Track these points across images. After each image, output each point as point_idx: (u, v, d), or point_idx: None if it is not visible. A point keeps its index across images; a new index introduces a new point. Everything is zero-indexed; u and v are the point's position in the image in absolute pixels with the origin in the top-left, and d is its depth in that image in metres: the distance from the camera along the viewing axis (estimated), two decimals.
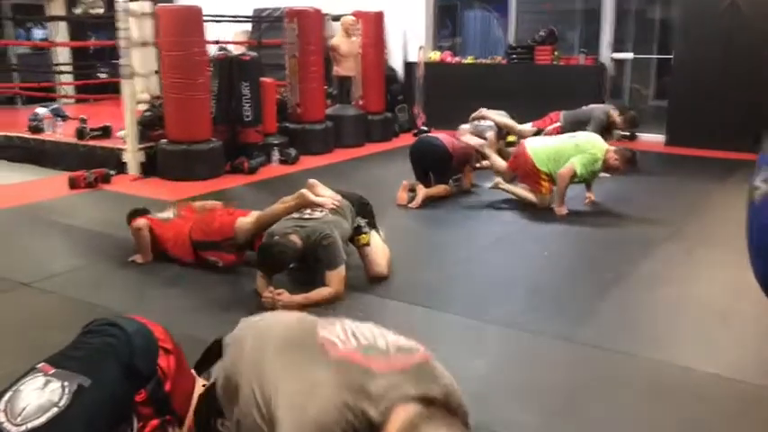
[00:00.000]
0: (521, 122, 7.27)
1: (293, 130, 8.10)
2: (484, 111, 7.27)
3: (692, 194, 6.06)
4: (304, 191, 4.02)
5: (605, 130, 6.82)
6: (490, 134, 7.19)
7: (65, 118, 8.40)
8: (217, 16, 9.16)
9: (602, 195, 6.05)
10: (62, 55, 12.57)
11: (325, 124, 8.32)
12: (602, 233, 4.98)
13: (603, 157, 5.32)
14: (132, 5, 6.94)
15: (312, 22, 8.02)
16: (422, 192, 5.69)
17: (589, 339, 3.26)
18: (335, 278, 3.68)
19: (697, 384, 2.88)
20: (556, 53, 9.35)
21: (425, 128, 9.72)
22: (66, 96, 10.99)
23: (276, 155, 7.50)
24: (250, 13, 10.61)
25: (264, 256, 3.62)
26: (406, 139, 9.32)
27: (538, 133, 7.02)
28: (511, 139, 7.51)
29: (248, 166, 6.99)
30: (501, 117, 7.24)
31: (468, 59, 10.12)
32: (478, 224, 5.29)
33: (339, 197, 4.06)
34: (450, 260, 4.45)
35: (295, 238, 3.65)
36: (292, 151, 7.61)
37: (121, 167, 6.89)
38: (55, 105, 9.03)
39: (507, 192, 5.70)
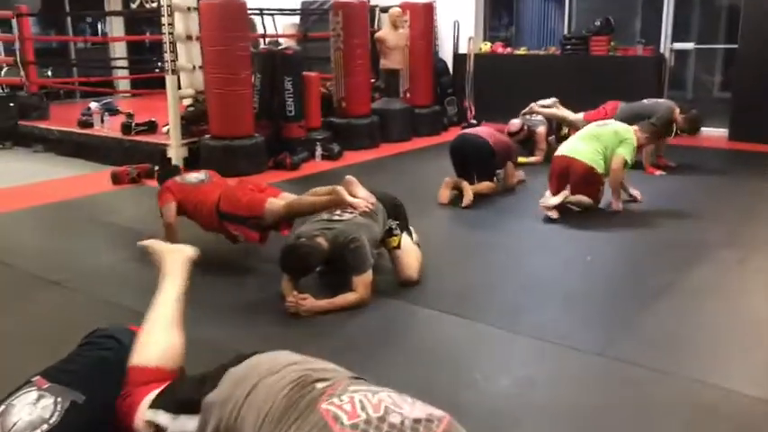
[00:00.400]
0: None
1: (338, 125, 8.00)
2: (535, 106, 7.01)
3: (750, 195, 5.69)
4: (339, 188, 3.88)
5: (668, 127, 6.48)
6: (541, 129, 6.96)
7: (115, 112, 8.54)
8: (265, 9, 9.14)
9: (654, 195, 5.75)
10: (119, 50, 12.84)
11: (371, 119, 8.19)
12: (650, 237, 4.71)
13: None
14: (176, 0, 6.94)
15: (357, 13, 7.89)
16: (469, 190, 5.50)
17: (626, 355, 3.04)
18: (362, 283, 3.56)
19: (741, 410, 2.64)
20: (612, 43, 8.99)
21: (475, 121, 9.48)
22: (119, 91, 11.20)
23: (319, 150, 7.41)
24: (298, 6, 10.56)
25: (289, 257, 3.51)
26: (455, 133, 9.07)
27: None
28: (563, 133, 7.23)
29: (291, 161, 6.93)
30: (551, 110, 6.96)
31: (521, 51, 9.84)
32: (520, 225, 5.08)
33: (374, 199, 3.93)
34: (486, 264, 4.27)
35: (321, 240, 3.54)
36: (336, 147, 7.51)
37: (167, 163, 6.91)
38: (107, 100, 9.18)
39: (569, 204, 5.17)
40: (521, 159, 6.95)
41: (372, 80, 9.31)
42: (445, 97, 9.67)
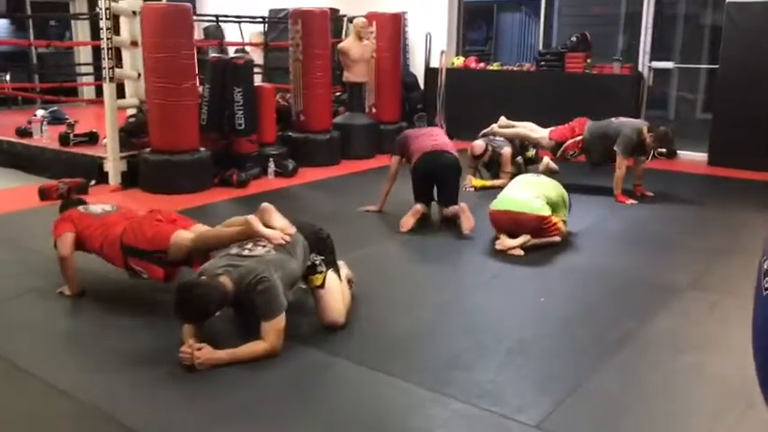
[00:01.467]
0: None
1: (295, 140, 7.53)
2: (495, 127, 6.56)
3: (726, 228, 5.25)
4: (251, 217, 3.43)
5: (637, 149, 6.06)
6: (506, 150, 6.52)
7: (61, 122, 8.01)
8: (223, 17, 8.68)
9: (622, 226, 5.33)
10: (84, 55, 12.31)
11: (331, 134, 7.72)
12: (614, 275, 4.24)
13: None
14: (120, 3, 6.46)
15: (318, 23, 7.43)
16: (470, 218, 4.99)
17: (567, 429, 2.56)
18: (272, 330, 3.06)
19: None
20: (588, 60, 8.57)
21: None
22: (79, 100, 10.68)
23: (272, 167, 6.93)
24: (265, 14, 10.10)
25: (183, 300, 2.99)
26: None
27: (557, 147, 6.28)
28: (530, 154, 6.79)
29: (237, 178, 6.44)
30: (513, 129, 6.52)
31: (494, 66, 9.41)
32: (475, 255, 4.60)
33: (292, 230, 3.44)
34: (428, 303, 3.79)
35: (225, 280, 3.05)
36: (290, 163, 7.03)
37: (104, 177, 6.42)
38: (53, 108, 8.67)
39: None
40: (485, 182, 6.51)
41: (338, 93, 8.88)
42: (415, 113, 9.22)
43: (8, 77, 11.16)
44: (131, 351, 3.18)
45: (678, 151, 8.18)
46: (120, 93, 7.02)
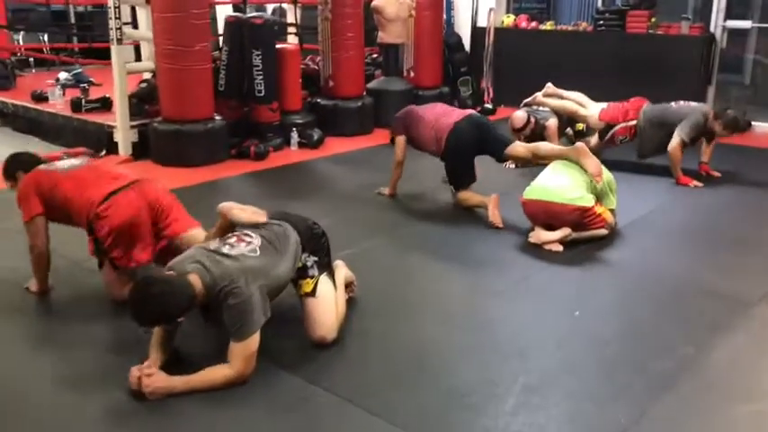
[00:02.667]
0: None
1: (324, 107, 6.94)
2: (539, 96, 5.83)
3: None
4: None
5: (702, 135, 5.27)
6: (552, 122, 5.80)
7: (85, 85, 7.60)
8: None
9: (685, 215, 4.60)
10: (124, 14, 11.90)
11: (363, 100, 7.09)
12: (669, 281, 3.56)
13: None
14: None
15: None
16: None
17: None
18: (239, 354, 2.53)
19: None
20: (653, 19, 7.66)
21: (490, 106, 8.32)
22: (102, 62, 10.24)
23: (295, 137, 6.38)
24: None
25: (137, 298, 2.44)
26: None
27: (607, 129, 5.52)
28: (580, 127, 6.04)
29: (255, 150, 5.91)
30: (560, 101, 5.77)
31: (547, 25, 8.55)
32: (504, 251, 3.95)
33: (263, 218, 2.91)
34: (435, 314, 3.19)
35: (195, 279, 2.51)
36: (315, 133, 6.46)
37: (115, 147, 5.98)
38: (78, 69, 8.27)
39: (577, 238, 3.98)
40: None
41: (375, 55, 8.23)
42: (459, 77, 8.49)
43: (46, 38, 10.88)
44: (78, 371, 2.70)
45: (753, 123, 7.27)
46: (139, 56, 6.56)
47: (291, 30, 8.01)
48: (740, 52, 9.72)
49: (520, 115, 5.76)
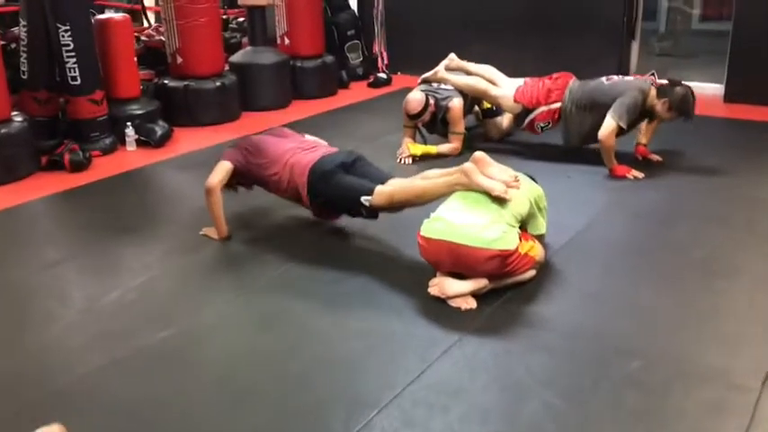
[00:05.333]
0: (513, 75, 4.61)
1: (171, 92, 5.51)
2: (441, 70, 4.63)
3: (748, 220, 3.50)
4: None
5: (641, 117, 4.20)
6: (456, 103, 4.60)
7: None
8: None
9: (624, 230, 3.51)
10: None
11: (224, 79, 5.69)
12: (618, 350, 2.46)
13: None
14: None
15: None
16: None
17: None
18: None
19: None
20: None
21: (384, 75, 7.06)
22: None
23: (131, 133, 4.95)
24: None
25: None
26: (361, 92, 6.75)
27: (524, 114, 4.39)
28: (488, 105, 4.87)
29: (69, 159, 4.46)
30: (467, 78, 4.60)
31: None
32: (395, 321, 2.77)
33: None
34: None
35: None
36: (158, 126, 5.04)
37: None
38: None
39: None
40: (427, 149, 4.63)
41: (242, 19, 6.80)
42: (345, 42, 7.15)
43: None
44: None
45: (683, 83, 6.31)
46: None
47: None
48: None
49: (416, 97, 4.52)
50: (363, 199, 3.04)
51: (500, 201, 2.78)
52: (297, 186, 3.24)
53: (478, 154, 2.90)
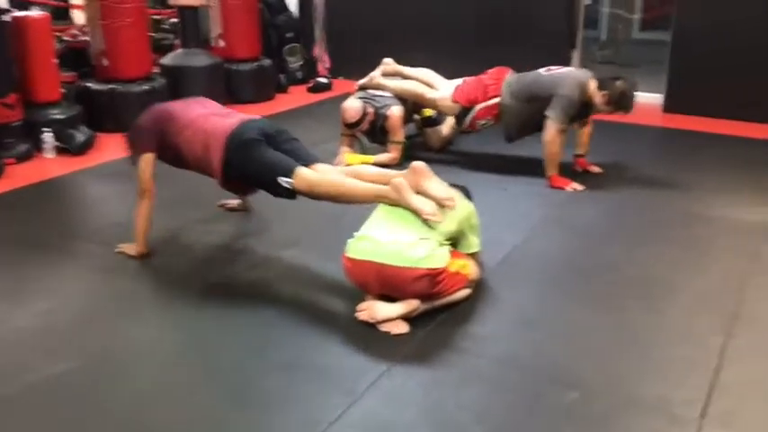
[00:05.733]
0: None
1: (95, 95, 5.22)
2: (377, 77, 4.49)
3: (675, 227, 3.45)
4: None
5: (581, 112, 4.12)
6: (395, 111, 4.46)
7: None
8: None
9: (561, 249, 3.40)
10: None
11: (151, 83, 5.42)
12: (560, 378, 2.34)
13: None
14: None
15: None
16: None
17: None
18: None
19: None
20: None
21: (325, 80, 6.87)
22: None
23: (49, 141, 4.64)
24: None
25: None
26: (300, 96, 6.55)
27: (464, 114, 4.27)
28: (428, 113, 4.74)
29: None
30: (404, 83, 4.47)
31: None
32: (319, 352, 2.60)
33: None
34: None
35: None
36: (80, 133, 4.75)
37: None
38: None
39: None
40: (365, 158, 4.47)
41: (176, 19, 6.52)
42: (285, 44, 6.94)
43: None
44: None
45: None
46: None
47: None
48: (595, 7, 8.90)
49: (353, 105, 4.35)
50: (283, 180, 2.79)
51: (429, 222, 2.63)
52: (210, 155, 2.94)
53: (418, 164, 2.73)
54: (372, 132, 4.49)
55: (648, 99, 6.12)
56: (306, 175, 2.79)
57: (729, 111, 5.49)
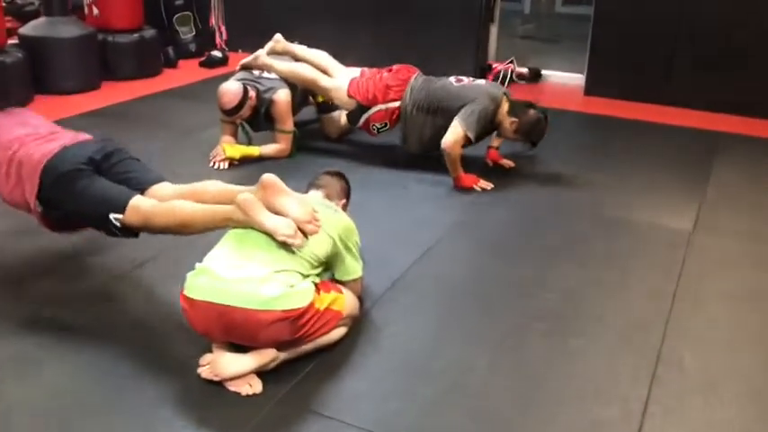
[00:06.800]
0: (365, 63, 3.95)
1: None
2: (263, 56, 3.88)
3: (596, 226, 3.03)
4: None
5: (489, 128, 3.63)
6: (281, 95, 3.86)
7: None
8: None
9: (468, 264, 2.91)
10: None
11: (4, 57, 4.65)
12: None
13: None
14: None
15: None
16: None
17: None
18: None
19: None
20: None
21: (220, 54, 6.18)
22: None
23: None
24: None
25: None
26: (190, 72, 5.86)
27: (358, 112, 3.73)
28: (322, 98, 4.15)
29: None
30: (294, 65, 3.88)
31: None
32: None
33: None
34: None
35: None
36: None
37: None
38: None
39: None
40: (247, 151, 3.88)
41: None
42: (174, 12, 6.20)
43: None
44: None
45: (543, 71, 5.90)
46: None
47: None
48: None
49: (231, 89, 3.71)
50: (113, 216, 2.23)
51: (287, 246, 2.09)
52: (24, 189, 2.33)
53: (268, 178, 2.18)
54: (256, 120, 3.88)
55: (569, 80, 5.75)
56: (139, 207, 2.21)
57: (655, 95, 5.13)
